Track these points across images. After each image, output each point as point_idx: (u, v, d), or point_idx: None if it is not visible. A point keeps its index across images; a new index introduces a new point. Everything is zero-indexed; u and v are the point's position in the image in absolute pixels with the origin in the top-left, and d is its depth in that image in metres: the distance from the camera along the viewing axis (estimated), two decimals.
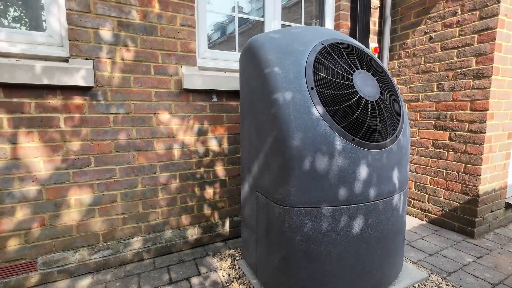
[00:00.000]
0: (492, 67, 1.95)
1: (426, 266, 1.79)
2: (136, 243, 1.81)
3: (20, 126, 1.46)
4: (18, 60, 1.42)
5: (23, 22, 1.62)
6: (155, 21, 1.70)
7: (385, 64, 2.59)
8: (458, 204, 2.21)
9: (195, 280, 1.64)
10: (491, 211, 2.22)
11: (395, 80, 2.66)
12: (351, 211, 1.26)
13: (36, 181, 1.52)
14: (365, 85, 1.32)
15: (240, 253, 1.92)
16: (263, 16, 2.21)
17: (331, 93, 1.25)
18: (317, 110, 1.21)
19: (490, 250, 1.97)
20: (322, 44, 1.38)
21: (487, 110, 1.99)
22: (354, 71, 1.33)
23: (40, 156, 1.51)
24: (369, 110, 1.28)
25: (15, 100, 1.44)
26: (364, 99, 1.28)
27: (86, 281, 1.62)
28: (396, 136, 1.39)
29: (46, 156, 1.52)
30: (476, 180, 2.09)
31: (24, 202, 1.50)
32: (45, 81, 1.45)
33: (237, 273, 1.69)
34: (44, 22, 1.56)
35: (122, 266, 1.77)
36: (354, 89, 1.28)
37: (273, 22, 2.20)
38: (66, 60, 1.54)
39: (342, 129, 1.23)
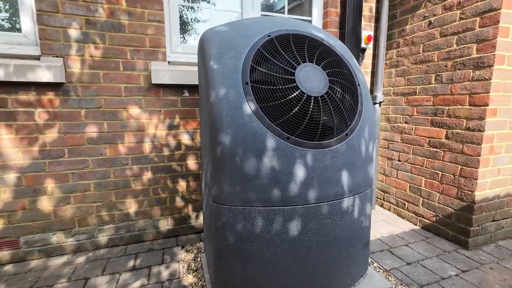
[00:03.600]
0: (494, 55, 1.68)
1: (398, 275, 1.65)
2: (110, 230, 1.93)
3: None
4: None
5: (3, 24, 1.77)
6: (123, 18, 1.75)
7: (381, 54, 2.37)
8: (453, 210, 1.98)
9: (155, 269, 1.71)
10: (494, 220, 1.95)
11: (393, 72, 2.43)
12: (287, 212, 1.20)
13: (15, 169, 1.68)
14: (309, 79, 1.23)
15: None
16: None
17: (267, 89, 1.18)
18: (249, 106, 1.16)
19: (482, 264, 1.75)
20: (269, 36, 1.31)
21: (487, 105, 1.73)
22: (298, 65, 1.24)
23: (18, 147, 1.67)
24: (311, 106, 1.19)
25: None
26: (305, 95, 1.20)
27: (61, 260, 1.78)
28: (347, 134, 1.27)
29: (23, 147, 1.68)
30: (472, 184, 1.84)
31: (6, 188, 1.68)
32: (21, 78, 1.58)
33: (195, 266, 1.72)
34: (18, 24, 1.69)
35: (96, 251, 1.91)
36: (295, 84, 1.20)
37: (252, 13, 2.13)
38: (38, 58, 1.66)
39: (276, 127, 1.16)
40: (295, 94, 1.19)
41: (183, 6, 2.01)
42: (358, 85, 1.40)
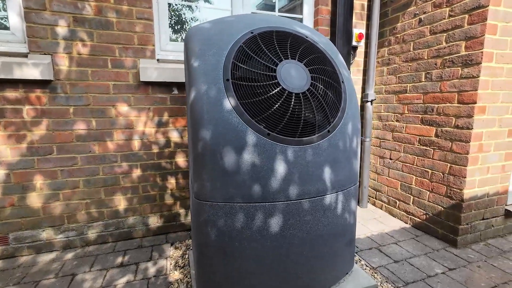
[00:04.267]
0: (482, 52, 1.67)
1: (384, 273, 1.65)
2: (99, 226, 1.94)
3: None
4: None
5: None
6: (111, 16, 1.76)
7: (373, 52, 2.37)
8: (442, 209, 1.97)
9: (143, 265, 1.72)
10: (483, 219, 1.94)
11: (385, 70, 2.42)
12: (267, 209, 1.21)
13: (4, 166, 1.69)
14: (291, 76, 1.23)
15: None
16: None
17: (248, 85, 1.19)
18: (230, 103, 1.16)
19: (470, 262, 1.74)
20: (252, 32, 1.31)
21: (475, 102, 1.72)
22: (280, 61, 1.24)
23: (6, 144, 1.68)
24: (292, 103, 1.20)
25: None
26: (286, 91, 1.20)
27: (50, 256, 1.79)
28: (329, 131, 1.27)
29: (12, 143, 1.69)
30: (461, 182, 1.84)
31: None
32: (9, 76, 1.59)
33: (183, 263, 1.73)
34: (7, 22, 1.70)
35: (85, 247, 1.92)
36: (276, 81, 1.20)
37: (242, 11, 2.13)
38: (26, 55, 1.67)
39: (256, 123, 1.16)
40: (276, 90, 1.19)
41: (173, 4, 2.01)
42: (342, 82, 1.40)
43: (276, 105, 1.18)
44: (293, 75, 1.23)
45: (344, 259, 1.48)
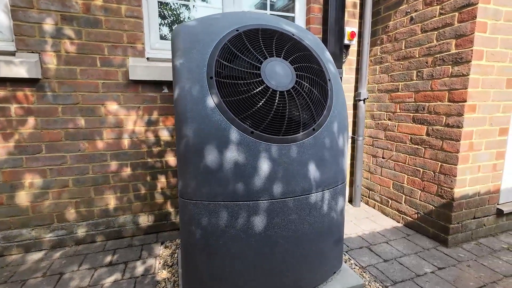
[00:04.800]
0: (472, 50, 1.66)
1: (373, 272, 1.64)
2: (90, 225, 1.94)
3: None
4: None
5: None
6: (99, 14, 1.75)
7: (365, 50, 2.36)
8: (433, 208, 1.97)
9: (131, 264, 1.71)
10: (474, 218, 1.94)
11: (377, 68, 2.41)
12: (251, 207, 1.20)
13: None
14: (275, 74, 1.22)
15: None
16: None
17: (232, 83, 1.18)
18: (213, 101, 1.16)
19: (459, 261, 1.73)
20: (237, 30, 1.30)
21: (465, 101, 1.72)
22: (265, 59, 1.23)
23: None
24: (276, 101, 1.19)
25: None
26: (271, 89, 1.19)
27: (39, 255, 1.79)
28: (314, 129, 1.27)
29: None
30: (451, 181, 1.83)
31: None
32: None
33: (172, 262, 1.73)
34: None
35: (75, 246, 1.91)
36: (260, 79, 1.19)
37: (233, 9, 2.12)
38: (14, 54, 1.66)
39: (240, 121, 1.16)
40: (259, 88, 1.18)
41: (171, 3, 2.01)
42: (329, 80, 1.39)
43: (260, 103, 1.17)
44: (277, 73, 1.23)
45: (332, 258, 1.48)
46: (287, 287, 1.33)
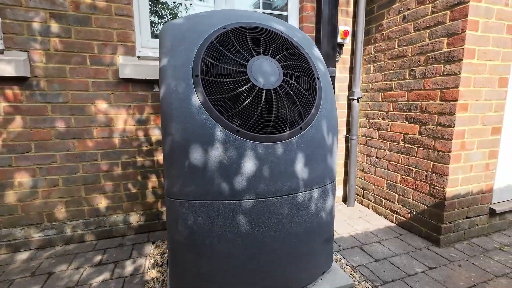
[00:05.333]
0: (463, 48, 1.65)
1: (364, 272, 1.63)
2: (80, 225, 1.93)
3: None
4: None
5: None
6: (89, 12, 1.74)
7: (359, 49, 2.34)
8: (426, 207, 1.96)
9: (121, 264, 1.70)
10: (467, 217, 1.93)
11: (371, 67, 2.40)
12: (238, 206, 1.19)
13: None
14: (262, 72, 1.21)
15: None
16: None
17: (217, 81, 1.17)
18: (199, 99, 1.15)
19: (451, 261, 1.73)
20: (224, 28, 1.29)
21: (457, 100, 1.70)
22: (252, 57, 1.22)
23: None
24: (263, 99, 1.18)
25: None
26: (257, 88, 1.18)
27: (28, 255, 1.78)
28: (301, 128, 1.25)
29: None
30: (443, 181, 1.82)
31: None
32: None
33: (161, 261, 1.72)
34: None
35: (65, 246, 1.90)
36: (246, 77, 1.18)
37: (224, 6, 2.11)
38: (2, 52, 1.65)
39: (225, 119, 1.15)
40: (246, 86, 1.17)
41: (155, 1, 2.00)
42: (318, 78, 1.38)
43: (246, 102, 1.16)
44: (264, 71, 1.22)
45: (321, 258, 1.47)
46: (275, 287, 1.32)
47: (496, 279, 1.55)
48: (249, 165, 1.17)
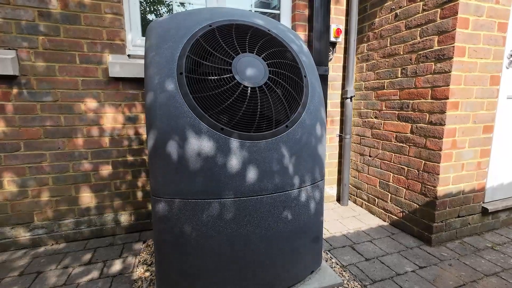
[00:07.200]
0: (453, 46, 1.64)
1: (354, 271, 1.63)
2: (70, 224, 1.92)
3: None
4: None
5: None
6: (78, 10, 1.73)
7: (352, 48, 2.33)
8: (418, 206, 1.95)
9: (110, 263, 1.70)
10: (459, 216, 1.92)
11: (364, 66, 2.39)
12: (222, 205, 1.18)
13: None
14: (247, 70, 1.20)
15: None
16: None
17: (202, 79, 1.16)
18: (182, 97, 1.14)
19: (442, 260, 1.72)
20: (210, 25, 1.28)
21: (447, 98, 1.70)
22: (237, 55, 1.21)
23: None
24: (247, 97, 1.17)
25: None
26: (242, 85, 1.17)
27: (18, 254, 1.77)
28: (287, 126, 1.25)
29: None
30: (434, 179, 1.81)
31: None
32: None
33: (150, 260, 1.71)
34: None
35: (55, 245, 1.90)
36: (231, 75, 1.17)
37: (216, 3, 2.10)
38: None
39: (209, 117, 1.14)
40: (230, 84, 1.16)
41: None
42: (305, 76, 1.37)
43: (231, 99, 1.15)
44: (249, 69, 1.21)
45: (309, 257, 1.46)
46: (262, 286, 1.31)
47: (486, 278, 1.54)
48: (233, 164, 1.16)
